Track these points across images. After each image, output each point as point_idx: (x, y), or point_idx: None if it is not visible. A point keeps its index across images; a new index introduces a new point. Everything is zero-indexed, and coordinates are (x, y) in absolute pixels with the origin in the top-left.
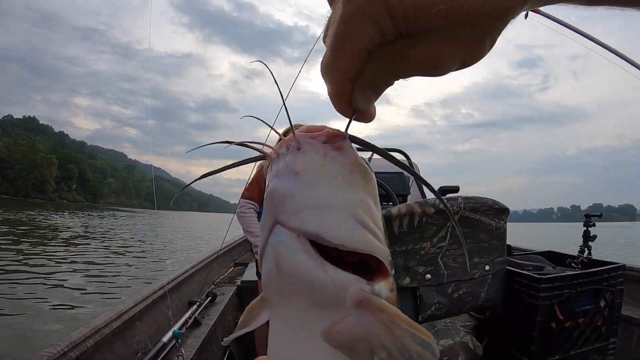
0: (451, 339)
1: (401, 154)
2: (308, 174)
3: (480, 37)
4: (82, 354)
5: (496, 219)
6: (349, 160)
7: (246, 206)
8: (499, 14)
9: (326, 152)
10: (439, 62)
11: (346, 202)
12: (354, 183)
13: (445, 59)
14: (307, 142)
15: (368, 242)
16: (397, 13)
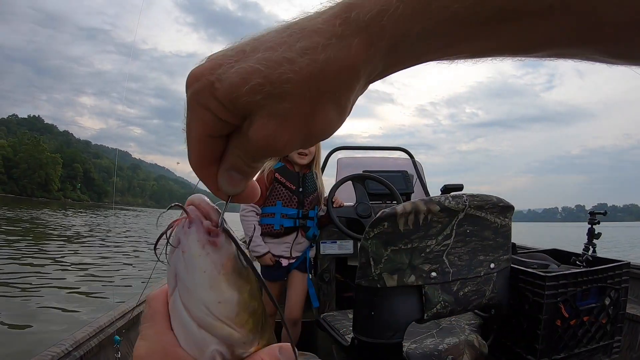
0: (456, 337)
1: (404, 152)
2: (187, 256)
3: (309, 109)
4: (86, 354)
5: (501, 216)
6: (220, 261)
7: (246, 209)
8: (327, 81)
9: (204, 244)
10: (271, 139)
11: (206, 297)
12: (216, 284)
13: (276, 135)
14: (195, 223)
15: (216, 330)
16: (221, 96)
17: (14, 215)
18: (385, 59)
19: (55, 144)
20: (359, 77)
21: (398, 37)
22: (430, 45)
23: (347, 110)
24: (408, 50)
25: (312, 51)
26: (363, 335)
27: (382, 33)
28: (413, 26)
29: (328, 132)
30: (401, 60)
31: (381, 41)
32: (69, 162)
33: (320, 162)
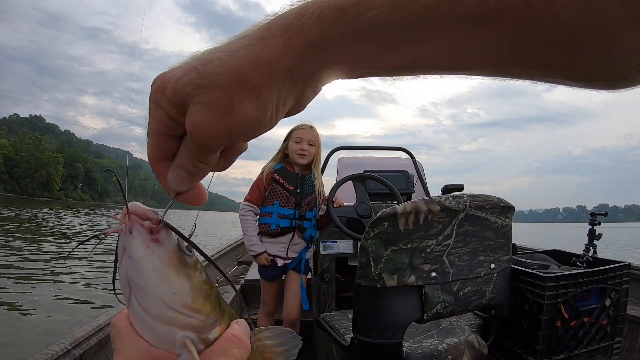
0: (456, 338)
1: (405, 152)
2: (134, 260)
3: (229, 100)
4: (85, 352)
5: (501, 217)
6: (166, 254)
7: (245, 209)
8: (246, 75)
9: (148, 244)
10: (197, 126)
11: (161, 292)
12: (167, 277)
13: (201, 122)
14: (135, 227)
15: (179, 321)
16: (168, 94)
17: (18, 214)
18: (311, 59)
19: (56, 143)
20: (278, 73)
21: (318, 38)
22: (360, 50)
23: (268, 107)
24: (335, 52)
25: (237, 50)
26: (363, 335)
27: (299, 34)
28: (333, 29)
29: (250, 127)
30: (332, 63)
31: (298, 40)
32: (70, 161)
33: (320, 163)
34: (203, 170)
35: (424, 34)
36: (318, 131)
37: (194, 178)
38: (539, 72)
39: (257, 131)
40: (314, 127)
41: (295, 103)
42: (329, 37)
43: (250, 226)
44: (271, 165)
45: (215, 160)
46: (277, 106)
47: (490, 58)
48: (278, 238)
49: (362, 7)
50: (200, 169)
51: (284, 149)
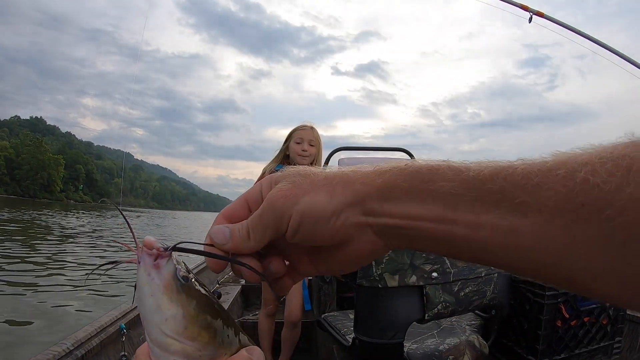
0: (457, 338)
1: (405, 153)
2: (139, 287)
3: (303, 190)
4: (87, 353)
5: None
6: (162, 283)
7: None
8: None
9: (150, 271)
10: (271, 195)
11: (156, 318)
12: (161, 303)
13: (274, 193)
14: (142, 257)
15: (171, 347)
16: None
17: (25, 216)
18: (379, 201)
19: (57, 145)
20: (356, 194)
21: (389, 187)
22: (420, 207)
23: (333, 213)
24: (396, 203)
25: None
26: (364, 335)
27: (381, 176)
28: (403, 184)
29: (309, 215)
30: (392, 211)
31: (375, 183)
32: (71, 163)
33: (321, 163)
34: (245, 242)
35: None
36: (319, 132)
37: (233, 239)
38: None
39: (313, 226)
40: (315, 128)
41: (352, 238)
42: (401, 188)
43: None
44: (272, 166)
45: (261, 241)
46: (338, 218)
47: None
48: None
49: (437, 176)
50: (244, 239)
51: (284, 150)
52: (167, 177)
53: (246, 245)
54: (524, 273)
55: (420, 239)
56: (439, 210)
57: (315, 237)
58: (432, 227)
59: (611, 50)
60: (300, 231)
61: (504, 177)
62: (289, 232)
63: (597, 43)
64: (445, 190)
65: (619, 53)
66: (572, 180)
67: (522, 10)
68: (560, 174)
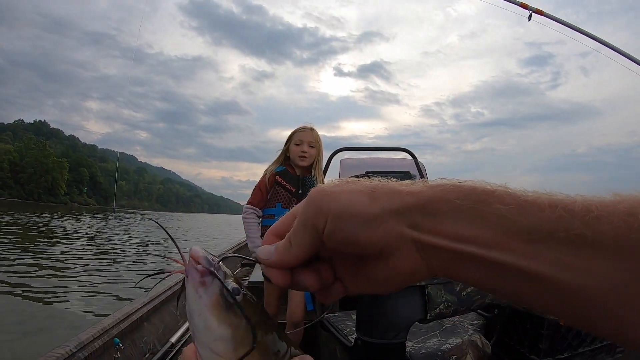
0: (459, 338)
1: (407, 153)
2: (188, 303)
3: (345, 191)
4: (90, 355)
5: None
6: (209, 301)
7: (247, 212)
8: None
9: (197, 288)
10: (310, 194)
11: (206, 337)
12: (209, 324)
13: (313, 193)
14: (190, 272)
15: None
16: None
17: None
18: (425, 216)
19: (61, 148)
20: (403, 203)
21: (432, 204)
22: (471, 228)
23: (375, 218)
24: (444, 220)
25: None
26: (366, 335)
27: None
28: (457, 202)
29: (347, 216)
30: (439, 228)
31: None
32: (75, 166)
33: (322, 165)
34: (287, 250)
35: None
36: (322, 132)
37: (276, 252)
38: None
39: (351, 227)
40: (315, 129)
41: (393, 247)
42: (449, 206)
43: (252, 228)
44: (273, 168)
45: (301, 245)
46: (379, 225)
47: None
48: None
49: (492, 199)
50: (287, 249)
51: (285, 151)
52: (170, 179)
53: (289, 253)
54: (570, 315)
55: (467, 264)
56: (491, 234)
57: (353, 241)
58: (481, 253)
59: (612, 47)
60: (337, 231)
61: (563, 207)
62: (325, 231)
63: (598, 40)
64: (500, 213)
65: (620, 50)
66: (633, 216)
67: (522, 8)
68: (620, 209)
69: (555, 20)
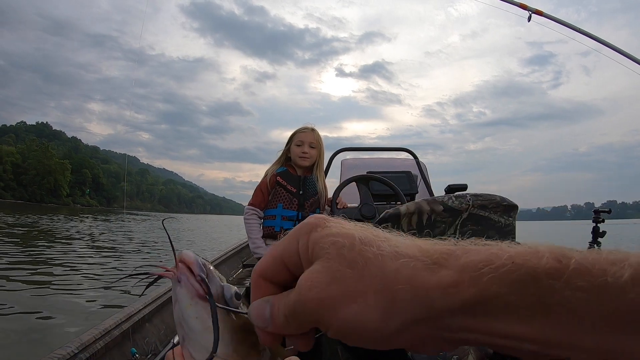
0: None
1: (408, 153)
2: (181, 307)
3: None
4: (92, 356)
5: (505, 216)
6: (207, 305)
7: (249, 213)
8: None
9: (193, 295)
10: (307, 289)
11: (203, 339)
12: (209, 326)
13: (311, 283)
14: (183, 277)
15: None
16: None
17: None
18: (467, 314)
19: (63, 150)
20: (426, 302)
21: (488, 296)
22: (526, 326)
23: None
24: (494, 320)
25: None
26: None
27: (472, 282)
28: (512, 294)
29: (351, 326)
30: (484, 329)
31: (466, 289)
32: (77, 167)
33: (323, 166)
34: (286, 329)
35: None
36: (324, 133)
37: (273, 324)
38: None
39: (361, 342)
40: (316, 130)
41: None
42: (502, 300)
43: (254, 229)
44: (274, 169)
45: (302, 330)
46: (398, 337)
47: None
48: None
49: (560, 284)
50: (284, 326)
51: (286, 152)
52: (173, 180)
53: (287, 331)
54: None
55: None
56: (555, 332)
57: (365, 347)
58: (537, 350)
59: (612, 47)
60: (343, 340)
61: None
62: (329, 334)
63: (598, 40)
64: (570, 305)
65: (620, 50)
66: None
67: (521, 9)
68: None
69: (554, 20)
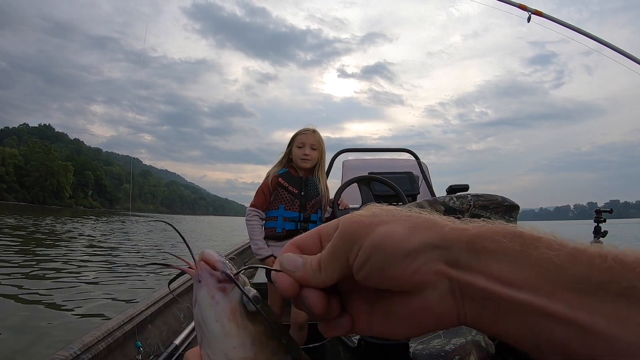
0: (463, 338)
1: (410, 154)
2: (201, 308)
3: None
4: (94, 357)
5: (506, 216)
6: (229, 307)
7: (250, 214)
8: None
9: (214, 294)
10: (344, 220)
11: (223, 344)
12: (228, 331)
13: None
14: (204, 277)
15: None
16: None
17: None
18: (467, 253)
19: (66, 152)
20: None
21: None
22: (516, 272)
23: (411, 253)
24: (490, 259)
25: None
26: (370, 336)
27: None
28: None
29: (384, 249)
30: (482, 267)
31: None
32: (80, 169)
33: (324, 167)
34: (316, 275)
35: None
36: (327, 134)
37: (304, 269)
38: None
39: (384, 262)
40: (317, 131)
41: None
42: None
43: (256, 231)
44: (275, 170)
45: (331, 275)
46: (415, 260)
47: None
48: (284, 241)
49: (541, 244)
50: (315, 271)
51: (288, 154)
52: (175, 182)
53: (316, 277)
54: None
55: (507, 313)
56: (539, 281)
57: (383, 275)
58: (525, 300)
59: (612, 47)
60: (368, 265)
61: (613, 258)
62: (356, 264)
63: (598, 41)
64: (548, 258)
65: (620, 50)
66: None
67: (520, 9)
68: None
69: (554, 21)
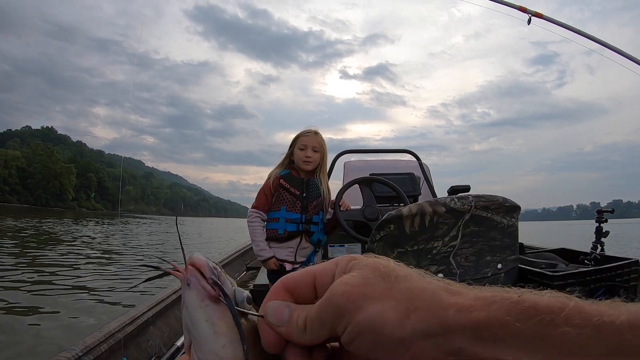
0: None
1: (411, 155)
2: (189, 310)
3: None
4: (96, 358)
5: (507, 216)
6: (220, 309)
7: (252, 215)
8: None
9: (203, 298)
10: (336, 292)
11: (213, 343)
12: (220, 330)
13: (336, 288)
14: (193, 280)
15: None
16: None
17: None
18: (472, 341)
19: (69, 154)
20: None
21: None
22: (530, 356)
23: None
24: (499, 346)
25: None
26: None
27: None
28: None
29: (373, 328)
30: (490, 356)
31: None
32: (82, 171)
33: (326, 168)
34: (300, 335)
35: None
36: (329, 135)
37: (289, 326)
38: None
39: (373, 345)
40: (319, 133)
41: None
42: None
43: (257, 232)
44: (277, 172)
45: (316, 340)
46: (408, 349)
47: None
48: (286, 243)
49: (560, 319)
50: (300, 331)
51: (289, 155)
52: (178, 183)
53: (301, 337)
54: None
55: None
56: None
57: (373, 356)
58: None
59: (612, 48)
60: (357, 343)
61: None
62: (343, 338)
63: (598, 42)
64: (569, 339)
65: (620, 51)
66: None
67: (521, 12)
68: None
69: (555, 23)
